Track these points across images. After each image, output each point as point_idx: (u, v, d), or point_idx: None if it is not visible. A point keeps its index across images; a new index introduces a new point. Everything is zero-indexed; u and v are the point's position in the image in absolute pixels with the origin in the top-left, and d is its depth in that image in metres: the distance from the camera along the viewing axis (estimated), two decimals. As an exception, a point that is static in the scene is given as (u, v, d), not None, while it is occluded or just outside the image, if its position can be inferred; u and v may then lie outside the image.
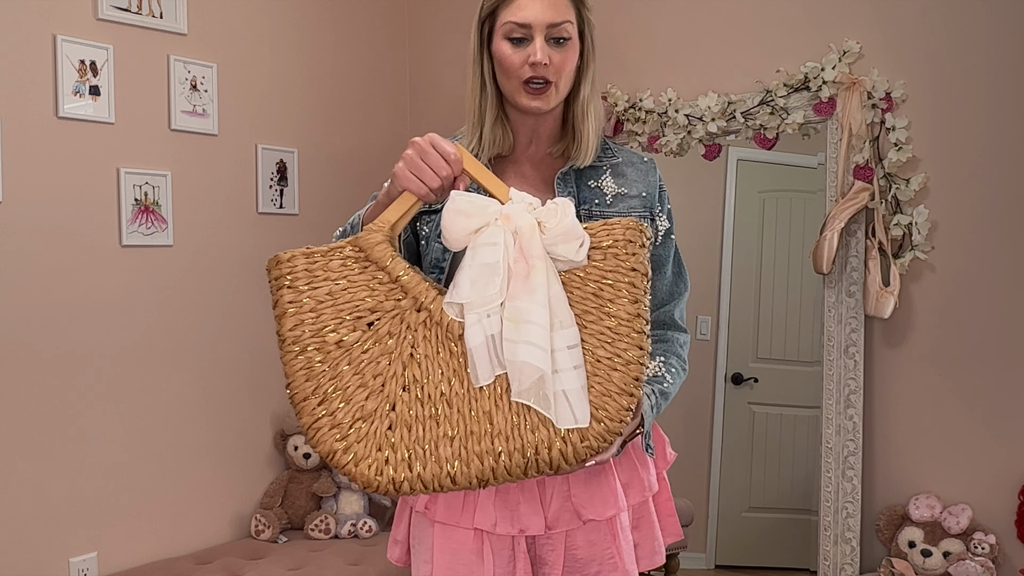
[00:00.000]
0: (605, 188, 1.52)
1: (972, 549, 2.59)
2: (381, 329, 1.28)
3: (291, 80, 3.23)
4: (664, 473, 1.65)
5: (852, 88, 2.76)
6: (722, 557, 3.63)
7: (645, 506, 1.57)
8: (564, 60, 1.44)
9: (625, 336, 1.27)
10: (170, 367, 2.88)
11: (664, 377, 1.53)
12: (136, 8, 2.74)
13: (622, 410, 1.26)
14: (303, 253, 1.29)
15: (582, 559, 1.48)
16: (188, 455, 2.94)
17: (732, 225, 3.54)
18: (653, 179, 1.56)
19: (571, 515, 1.47)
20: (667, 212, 1.57)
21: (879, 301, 2.69)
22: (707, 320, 3.60)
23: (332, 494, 3.10)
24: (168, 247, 2.86)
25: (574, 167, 1.52)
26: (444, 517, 1.47)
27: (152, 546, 2.83)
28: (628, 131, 3.13)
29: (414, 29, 3.69)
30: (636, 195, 1.52)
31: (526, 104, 1.45)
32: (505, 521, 1.45)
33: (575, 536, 1.48)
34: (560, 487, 1.46)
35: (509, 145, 1.52)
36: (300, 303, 1.28)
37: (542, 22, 1.41)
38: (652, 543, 1.57)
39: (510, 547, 1.48)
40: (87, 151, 2.66)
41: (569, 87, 1.48)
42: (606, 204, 1.50)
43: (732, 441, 3.60)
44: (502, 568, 1.47)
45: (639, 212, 1.52)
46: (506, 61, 1.44)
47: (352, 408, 1.27)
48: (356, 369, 1.27)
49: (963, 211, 2.70)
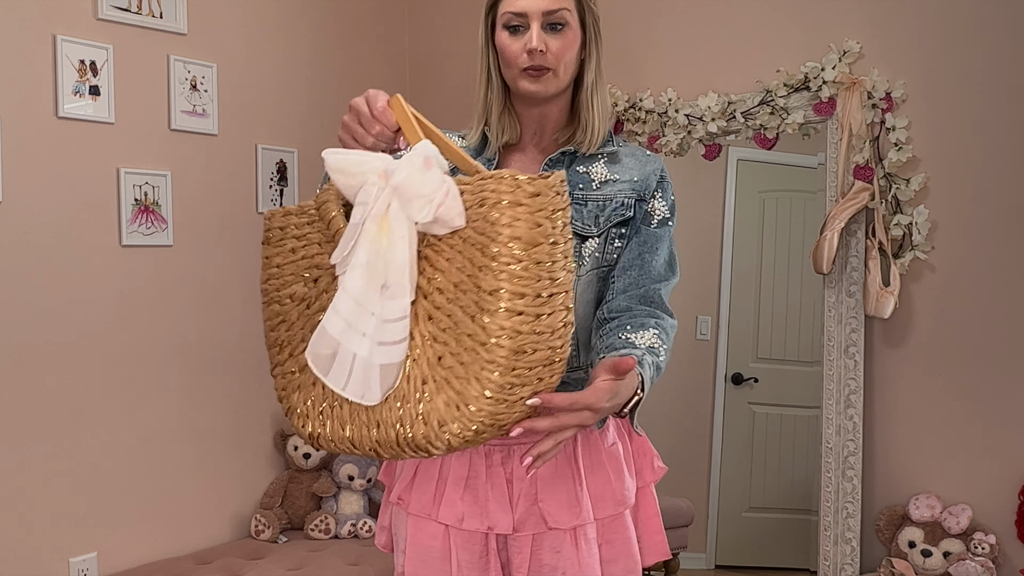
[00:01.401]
0: (594, 174, 1.51)
1: (972, 549, 2.59)
2: (321, 284, 1.31)
3: (291, 80, 3.23)
4: (652, 488, 1.59)
5: (852, 88, 2.76)
6: (722, 557, 3.63)
7: (619, 520, 1.51)
8: (562, 47, 1.46)
9: (502, 319, 1.13)
10: (170, 367, 2.88)
11: (658, 350, 1.43)
12: (136, 8, 2.74)
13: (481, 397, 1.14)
14: (282, 212, 1.35)
15: (547, 566, 1.46)
16: (188, 455, 2.94)
17: (732, 225, 3.54)
18: (651, 168, 1.54)
19: (537, 519, 1.45)
20: (669, 204, 1.55)
21: (879, 301, 2.69)
22: (707, 320, 3.60)
23: (332, 494, 3.10)
24: (168, 247, 2.86)
25: (574, 152, 1.52)
26: (416, 509, 1.48)
27: (152, 546, 2.83)
28: (628, 131, 3.13)
29: (414, 29, 3.69)
30: (627, 180, 1.51)
31: (526, 88, 1.47)
32: (473, 517, 1.45)
33: (541, 542, 1.47)
34: (528, 490, 1.46)
35: (517, 135, 1.54)
36: (271, 257, 1.35)
37: (537, 10, 1.44)
38: (627, 561, 1.51)
39: (482, 544, 1.48)
40: (87, 151, 2.66)
41: (571, 74, 1.50)
42: (592, 188, 1.50)
43: (732, 441, 3.60)
44: (473, 564, 1.47)
45: (625, 194, 1.50)
46: (506, 50, 1.47)
47: (296, 360, 1.32)
48: (302, 323, 1.31)
49: (963, 211, 2.70)
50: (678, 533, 3.39)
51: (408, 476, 1.52)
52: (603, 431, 1.51)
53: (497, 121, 1.52)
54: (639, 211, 1.51)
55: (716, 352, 3.60)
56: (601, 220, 1.49)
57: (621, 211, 1.50)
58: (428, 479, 1.50)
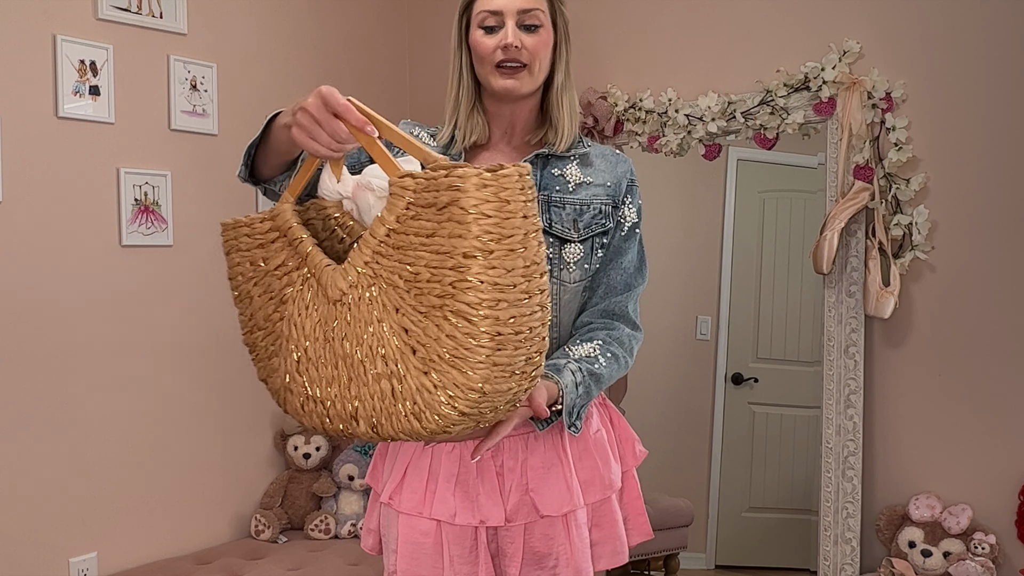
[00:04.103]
0: (568, 176, 1.55)
1: (972, 549, 2.59)
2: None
3: (291, 80, 3.23)
4: (634, 471, 1.66)
5: (852, 88, 2.76)
6: (722, 557, 3.63)
7: (607, 504, 1.58)
8: (537, 44, 1.50)
9: None
10: (170, 367, 2.89)
11: (597, 358, 1.51)
12: (136, 8, 2.74)
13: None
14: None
15: (540, 553, 1.51)
16: (188, 455, 2.94)
17: (732, 225, 3.55)
18: (622, 171, 1.59)
19: (529, 508, 1.50)
20: (637, 207, 1.60)
21: (879, 301, 2.69)
22: (707, 320, 3.60)
23: (332, 494, 3.10)
24: (168, 247, 2.86)
25: (546, 154, 1.56)
26: (407, 508, 1.51)
27: (152, 546, 2.83)
28: (628, 131, 3.13)
29: (414, 29, 3.69)
30: (600, 184, 1.56)
31: (500, 84, 1.50)
32: (465, 511, 1.48)
33: (533, 530, 1.51)
34: (519, 481, 1.49)
35: (486, 135, 1.57)
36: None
37: (512, 8, 1.49)
38: (614, 543, 1.58)
39: (472, 537, 1.51)
40: (87, 151, 2.66)
41: (545, 73, 1.54)
42: (568, 191, 1.54)
43: (732, 441, 3.60)
44: (463, 558, 1.50)
45: (601, 200, 1.55)
46: (480, 47, 1.51)
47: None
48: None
49: (963, 211, 2.70)
50: (678, 533, 3.39)
51: (398, 476, 1.55)
52: (587, 419, 1.56)
53: (466, 120, 1.55)
54: (614, 219, 1.57)
55: (716, 352, 3.60)
56: (580, 225, 1.53)
57: (601, 220, 1.54)
58: (419, 477, 1.52)
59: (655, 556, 3.43)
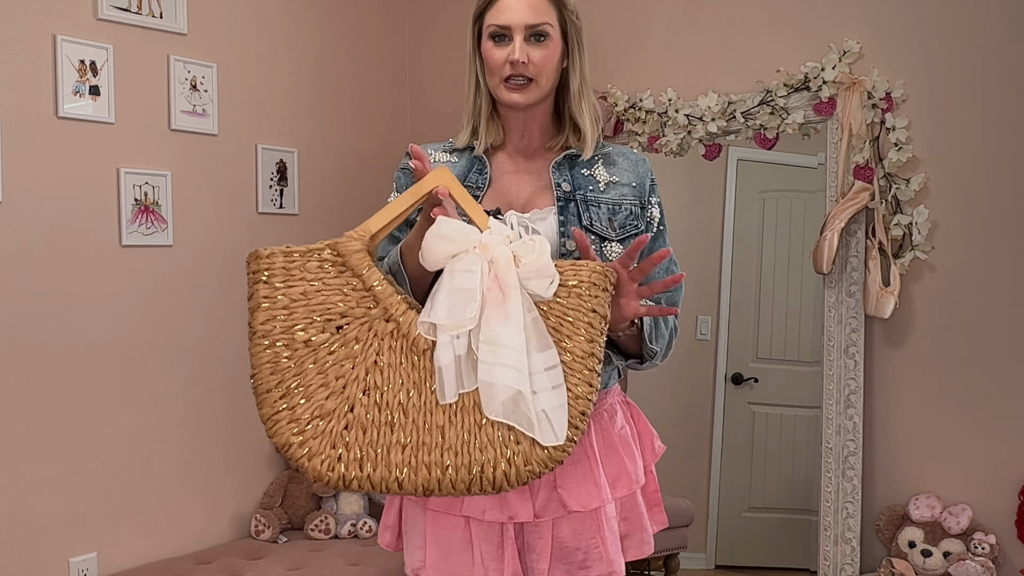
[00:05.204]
0: (597, 176, 1.60)
1: (972, 549, 2.59)
2: (349, 333, 1.33)
3: (291, 80, 3.23)
4: (652, 466, 1.70)
5: (852, 88, 2.76)
6: (722, 557, 3.63)
7: (633, 498, 1.62)
8: (544, 57, 1.53)
9: (577, 372, 1.33)
10: (170, 367, 2.88)
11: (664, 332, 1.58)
12: (136, 8, 2.74)
13: (568, 441, 1.31)
14: (283, 251, 1.35)
15: (568, 547, 1.53)
16: (188, 455, 2.94)
17: (732, 225, 3.55)
18: (643, 170, 1.63)
19: (558, 504, 1.52)
20: (658, 206, 1.64)
21: (879, 301, 2.69)
22: (707, 320, 3.60)
23: (332, 494, 3.10)
24: (168, 247, 2.86)
25: (573, 154, 1.60)
26: (435, 504, 1.53)
27: (152, 546, 2.83)
28: (628, 131, 3.13)
29: (414, 29, 3.69)
30: (627, 184, 1.61)
31: (506, 98, 1.54)
32: (494, 508, 1.50)
33: (561, 525, 1.53)
34: (547, 478, 1.51)
35: (500, 138, 1.62)
36: (274, 299, 1.35)
37: (520, 23, 1.52)
38: (641, 534, 1.63)
39: (499, 533, 1.53)
40: (87, 151, 2.66)
41: (552, 83, 1.57)
42: (600, 191, 1.58)
43: (732, 441, 3.60)
44: (491, 554, 1.53)
45: (630, 201, 1.59)
46: (489, 60, 1.55)
47: (312, 405, 1.32)
48: (320, 368, 1.33)
49: (963, 211, 2.70)
50: (678, 533, 3.39)
51: None
52: (612, 415, 1.60)
53: (484, 126, 1.60)
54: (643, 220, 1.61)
55: (716, 352, 3.60)
56: (616, 224, 1.57)
57: (633, 221, 1.59)
58: None
59: (655, 556, 3.43)
